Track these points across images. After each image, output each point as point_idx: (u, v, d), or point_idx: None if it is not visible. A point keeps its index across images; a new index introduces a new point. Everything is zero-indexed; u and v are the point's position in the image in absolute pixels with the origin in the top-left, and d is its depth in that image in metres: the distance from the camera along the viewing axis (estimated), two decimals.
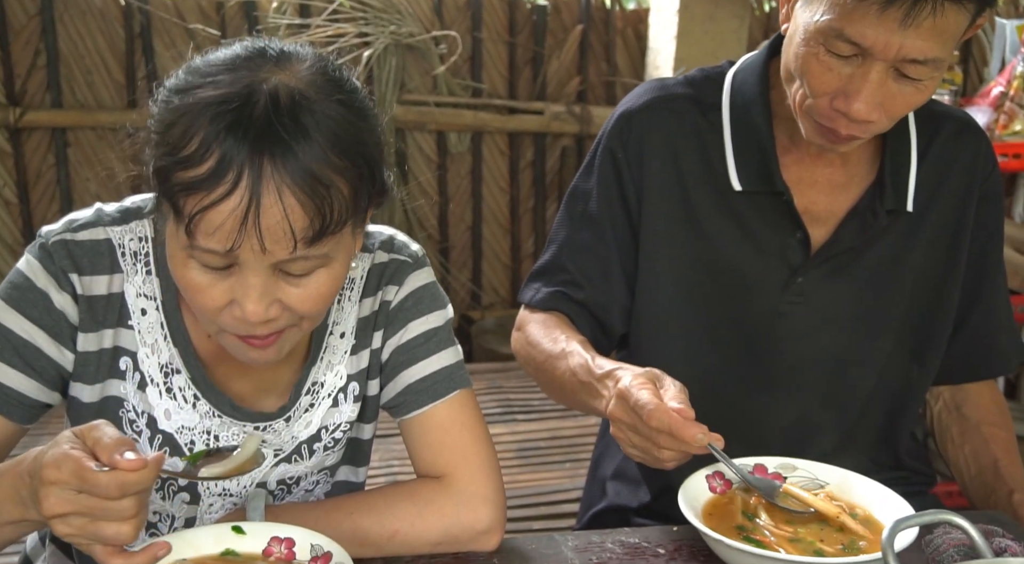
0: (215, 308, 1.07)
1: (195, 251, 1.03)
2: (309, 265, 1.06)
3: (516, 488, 3.13)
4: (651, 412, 1.14)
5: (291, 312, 1.09)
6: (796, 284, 1.48)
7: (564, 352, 1.41)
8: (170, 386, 1.22)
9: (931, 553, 1.14)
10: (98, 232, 1.19)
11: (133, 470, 0.91)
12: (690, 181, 1.50)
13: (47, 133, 4.11)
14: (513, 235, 4.88)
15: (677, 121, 1.51)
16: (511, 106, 4.67)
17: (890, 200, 1.46)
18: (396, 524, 1.21)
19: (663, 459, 1.18)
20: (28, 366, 1.16)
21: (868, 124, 1.31)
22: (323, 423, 1.29)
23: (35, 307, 1.16)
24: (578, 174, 1.61)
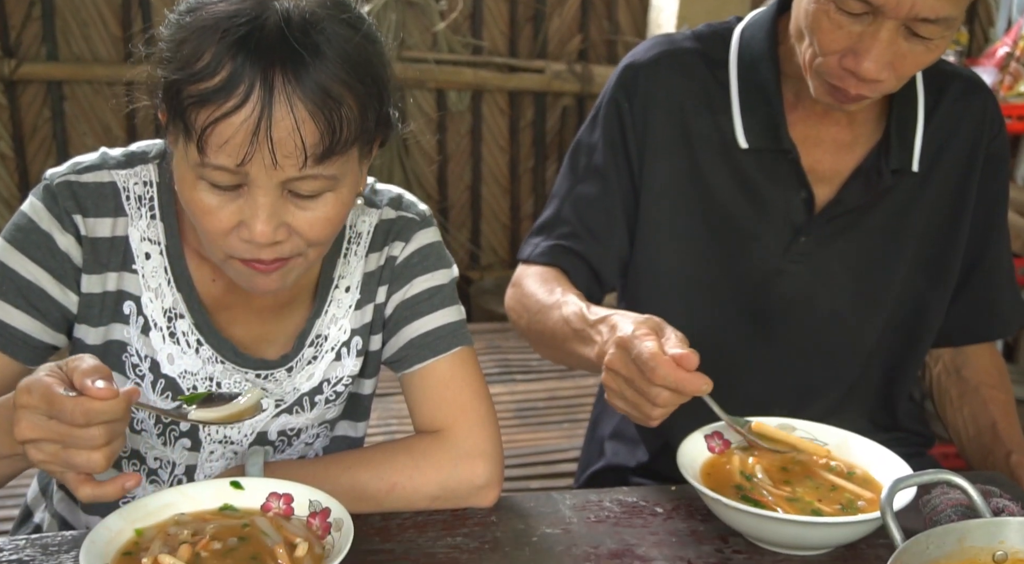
0: (223, 230, 1.07)
1: (205, 169, 1.03)
2: (317, 185, 1.06)
3: (514, 447, 3.15)
4: (656, 365, 1.10)
5: (298, 237, 1.09)
6: (799, 243, 1.47)
7: (558, 302, 1.40)
8: (173, 331, 1.22)
9: (929, 513, 1.14)
10: (103, 175, 1.20)
11: (100, 398, 0.90)
12: (695, 137, 1.49)
13: (43, 86, 4.07)
14: (512, 195, 4.86)
15: (684, 76, 1.50)
16: (511, 64, 4.62)
17: (895, 160, 1.45)
18: (394, 478, 1.22)
19: (653, 416, 1.15)
20: (32, 307, 1.17)
21: (877, 83, 1.30)
22: (325, 376, 1.29)
23: (39, 249, 1.17)
24: (582, 128, 1.59)
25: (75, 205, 1.17)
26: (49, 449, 0.92)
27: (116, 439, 0.94)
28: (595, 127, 1.56)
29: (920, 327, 1.56)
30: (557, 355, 1.48)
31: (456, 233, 4.81)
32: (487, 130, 4.75)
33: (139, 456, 1.26)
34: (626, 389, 1.16)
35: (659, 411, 1.14)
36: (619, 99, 1.52)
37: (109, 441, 0.93)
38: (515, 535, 1.19)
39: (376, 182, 1.36)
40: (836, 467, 1.25)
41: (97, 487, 0.95)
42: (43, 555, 1.10)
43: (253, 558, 1.02)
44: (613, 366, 1.17)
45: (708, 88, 1.49)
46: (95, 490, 0.95)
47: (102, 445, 0.92)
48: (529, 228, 1.63)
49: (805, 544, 1.14)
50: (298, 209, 1.08)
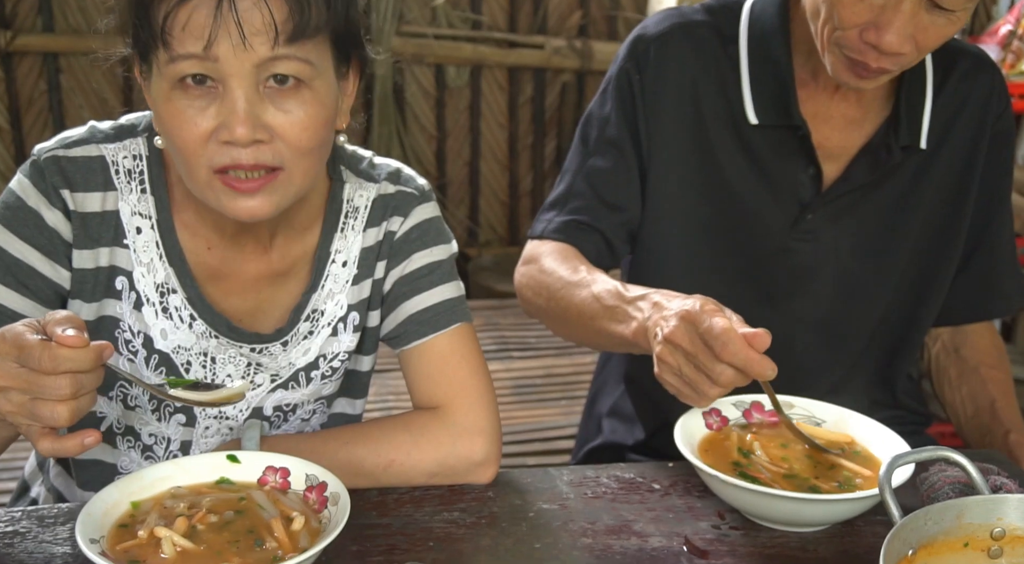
0: (201, 137, 1.06)
1: (175, 65, 1.03)
2: (294, 68, 1.05)
3: (511, 424, 3.15)
4: (727, 342, 1.06)
5: (280, 142, 1.07)
6: (805, 221, 1.47)
7: (586, 280, 1.39)
8: (166, 305, 1.21)
9: (926, 490, 1.14)
10: (91, 149, 1.19)
11: (68, 345, 0.90)
12: (705, 112, 1.48)
13: (39, 58, 4.05)
14: (511, 172, 4.84)
15: (695, 50, 1.49)
16: (511, 40, 4.59)
17: (904, 136, 1.45)
18: (392, 454, 1.21)
19: (709, 396, 1.12)
20: (22, 285, 1.16)
21: (899, 56, 1.29)
22: (321, 351, 1.29)
23: (27, 226, 1.16)
24: (592, 102, 1.58)
25: (63, 180, 1.16)
26: (17, 399, 0.92)
27: (84, 395, 0.94)
28: (606, 99, 1.55)
29: (923, 305, 1.56)
30: (581, 333, 1.45)
31: (454, 210, 4.79)
32: (486, 106, 4.72)
33: (134, 432, 1.25)
34: (685, 365, 1.13)
35: (717, 391, 1.11)
36: (630, 71, 1.51)
37: (75, 394, 0.92)
38: (512, 510, 1.19)
39: (375, 156, 1.34)
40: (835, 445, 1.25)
41: (57, 441, 0.95)
42: (39, 527, 1.10)
43: (249, 531, 1.02)
44: (675, 339, 1.13)
45: (719, 62, 1.48)
46: (55, 444, 0.95)
47: (68, 397, 0.92)
48: (528, 205, 1.63)
49: (802, 521, 1.14)
50: (277, 110, 1.07)
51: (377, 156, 1.35)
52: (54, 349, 0.90)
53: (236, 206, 1.09)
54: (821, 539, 1.14)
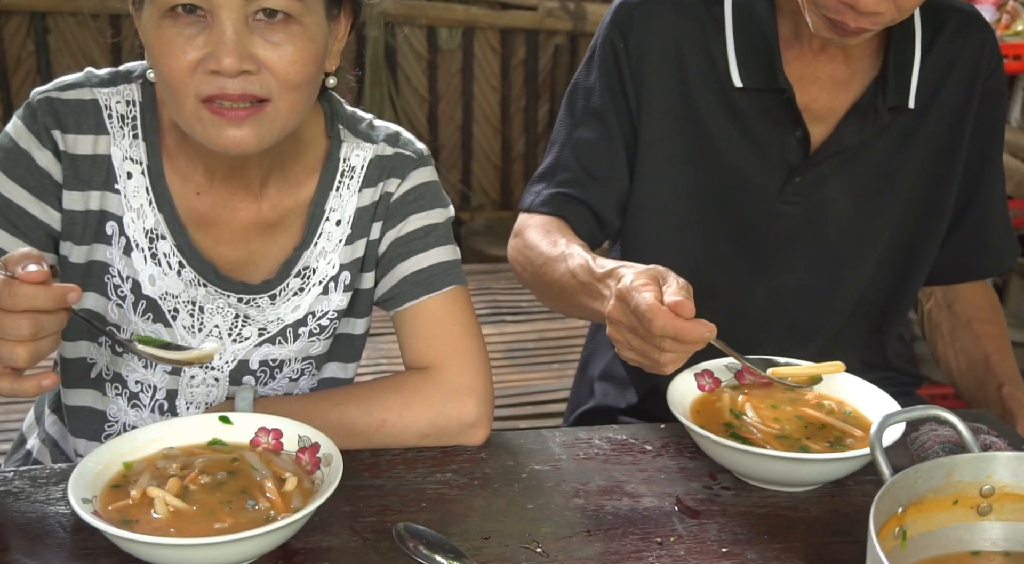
0: (188, 66, 1.06)
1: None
2: (282, 2, 1.06)
3: (504, 387, 3.17)
4: (653, 317, 1.08)
5: (267, 74, 1.08)
6: (794, 183, 1.46)
7: (564, 254, 1.38)
8: (155, 251, 1.22)
9: (916, 450, 1.15)
10: (84, 93, 1.20)
11: (28, 281, 0.90)
12: (691, 76, 1.47)
13: (26, 17, 4.00)
14: (504, 135, 4.81)
15: (679, 14, 1.47)
16: (504, 1, 4.55)
17: (892, 96, 1.44)
18: (384, 414, 1.22)
19: (663, 363, 1.13)
20: (12, 225, 1.17)
21: (877, 15, 1.28)
22: (311, 309, 1.29)
23: (17, 166, 1.17)
24: (578, 71, 1.57)
25: (54, 121, 1.17)
26: None
27: (44, 337, 0.93)
28: (591, 69, 1.53)
29: (912, 265, 1.56)
30: (566, 307, 1.46)
31: (447, 173, 4.77)
32: (478, 69, 4.68)
33: (120, 379, 1.25)
34: (632, 339, 1.15)
35: (668, 357, 1.12)
36: (614, 39, 1.50)
37: (35, 335, 0.92)
38: (504, 471, 1.19)
39: (375, 118, 1.34)
40: (827, 406, 1.25)
41: (16, 381, 0.95)
42: (32, 487, 1.10)
43: (242, 492, 1.02)
44: (615, 317, 1.16)
45: (703, 26, 1.46)
46: (13, 384, 0.95)
47: (26, 337, 0.91)
48: (521, 169, 1.62)
49: (794, 480, 1.15)
50: (266, 42, 1.07)
51: (377, 119, 1.34)
52: (14, 286, 0.89)
53: (222, 135, 1.09)
54: (812, 498, 1.15)
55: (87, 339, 1.24)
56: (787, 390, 1.29)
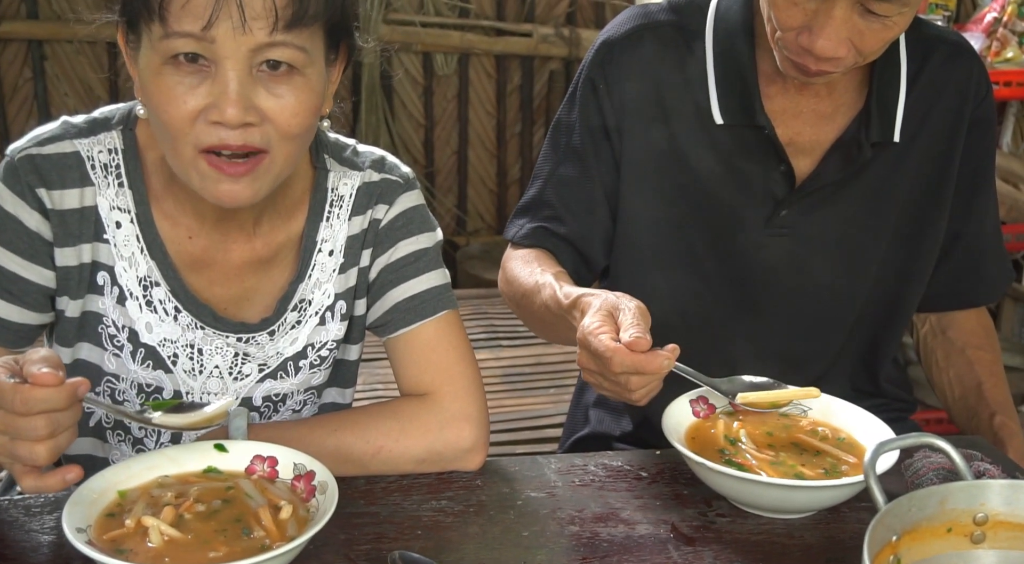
0: (189, 115, 1.04)
1: (170, 41, 1.01)
2: (288, 55, 1.05)
3: (500, 412, 3.15)
4: (611, 359, 1.11)
5: (269, 125, 1.07)
6: (780, 217, 1.46)
7: (538, 285, 1.39)
8: (150, 299, 1.21)
9: (911, 476, 1.15)
10: (65, 145, 1.17)
11: (40, 384, 0.90)
12: (672, 111, 1.46)
13: (23, 45, 4.01)
14: (499, 160, 4.83)
15: (659, 50, 1.47)
16: (499, 27, 4.58)
17: (876, 132, 1.43)
18: (380, 440, 1.22)
19: (635, 398, 1.16)
20: (6, 291, 1.16)
21: (837, 60, 1.27)
22: (309, 341, 1.29)
23: (5, 231, 1.15)
24: (562, 106, 1.57)
25: (38, 179, 1.15)
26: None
27: (62, 432, 0.93)
28: (573, 106, 1.53)
29: (903, 295, 1.55)
30: (552, 337, 1.49)
31: (442, 198, 4.78)
32: (474, 94, 4.71)
33: (123, 426, 1.25)
34: (603, 381, 1.18)
35: (639, 394, 1.16)
36: (595, 78, 1.49)
37: (52, 433, 0.92)
38: (500, 498, 1.19)
39: (358, 144, 1.34)
40: (821, 432, 1.26)
41: (40, 479, 0.94)
42: (26, 516, 1.10)
43: (237, 520, 1.02)
44: (582, 364, 1.19)
45: (684, 62, 1.46)
46: (37, 482, 0.94)
47: (44, 437, 0.91)
48: (516, 193, 1.63)
49: (788, 507, 1.15)
50: (268, 93, 1.06)
51: (360, 144, 1.34)
52: (26, 392, 0.89)
53: (219, 190, 1.08)
54: (807, 525, 1.15)
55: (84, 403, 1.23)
56: (781, 416, 1.29)
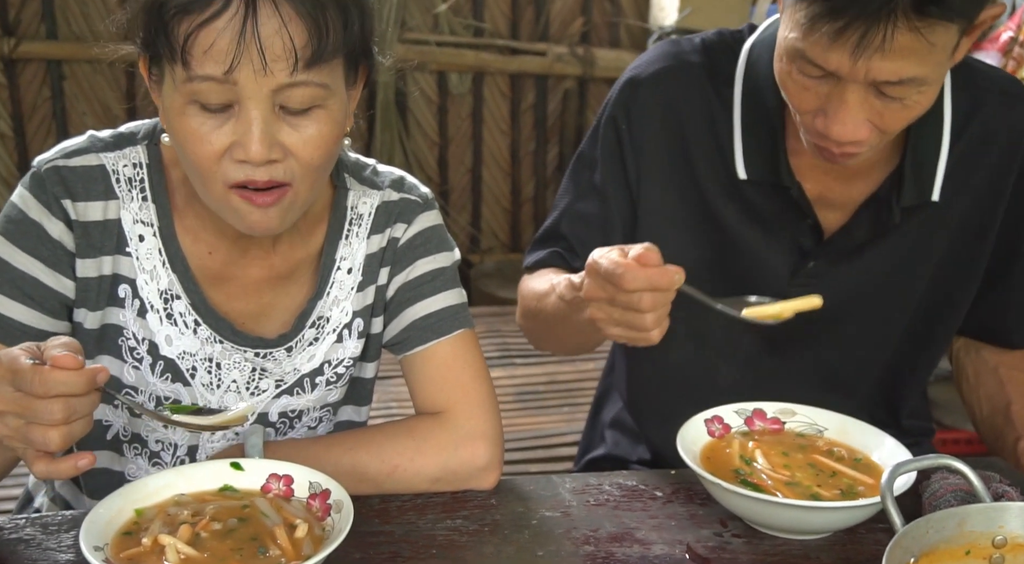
0: (215, 154, 1.06)
1: (193, 85, 1.03)
2: (309, 94, 1.06)
3: (514, 431, 3.15)
4: (623, 275, 1.07)
5: (292, 159, 1.08)
6: (806, 268, 1.41)
7: (552, 286, 1.37)
8: (170, 312, 1.22)
9: (928, 498, 1.14)
10: (91, 158, 1.19)
11: (61, 367, 0.90)
12: (696, 159, 1.42)
13: (42, 65, 4.06)
14: (513, 179, 4.85)
15: (686, 94, 1.42)
16: (513, 47, 4.61)
17: (909, 195, 1.35)
18: (396, 459, 1.22)
19: (648, 326, 1.12)
20: (27, 297, 1.17)
21: (858, 143, 1.20)
22: (326, 358, 1.29)
23: (29, 238, 1.16)
24: (585, 139, 1.54)
25: (64, 190, 1.17)
26: (12, 423, 0.92)
27: (77, 420, 0.94)
28: (595, 142, 1.50)
29: (933, 342, 1.51)
30: (564, 340, 1.45)
31: (457, 216, 4.80)
32: (488, 113, 4.73)
33: (140, 439, 1.26)
34: (613, 312, 1.14)
35: (651, 317, 1.11)
36: (618, 118, 1.46)
37: (67, 418, 0.92)
38: (515, 518, 1.19)
39: (378, 164, 1.35)
40: (837, 453, 1.25)
41: (51, 463, 0.95)
42: (43, 534, 1.10)
43: (253, 539, 1.02)
44: (591, 294, 1.15)
45: (711, 109, 1.41)
46: (49, 466, 0.94)
47: (60, 422, 0.91)
48: (530, 211, 1.62)
49: (804, 528, 1.15)
50: (291, 128, 1.07)
51: (380, 164, 1.35)
52: (45, 373, 0.90)
53: (251, 220, 1.11)
54: (823, 547, 1.14)
55: (101, 401, 1.24)
56: (797, 436, 1.28)
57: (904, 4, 1.05)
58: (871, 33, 1.08)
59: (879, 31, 1.07)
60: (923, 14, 1.06)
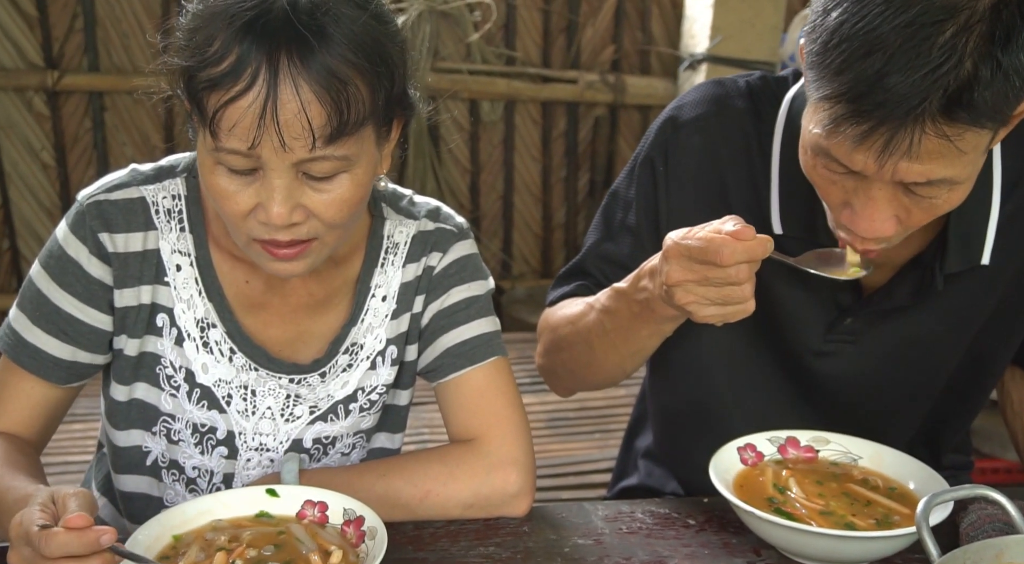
0: (241, 213, 1.09)
1: (220, 154, 1.06)
2: (330, 166, 1.07)
3: (546, 457, 3.15)
4: (722, 248, 1.07)
5: (315, 219, 1.10)
6: (844, 324, 1.37)
7: (588, 305, 1.36)
8: (206, 340, 1.24)
9: (966, 528, 1.13)
10: (132, 191, 1.23)
11: (69, 528, 0.90)
12: (733, 206, 1.36)
13: (84, 97, 4.14)
14: (545, 205, 4.86)
15: (727, 140, 1.38)
16: (544, 75, 4.64)
17: (954, 262, 1.28)
18: (429, 485, 1.23)
19: (747, 296, 1.12)
20: (62, 332, 1.20)
21: (884, 239, 1.16)
22: (360, 384, 1.31)
23: (66, 274, 1.20)
24: (620, 177, 1.51)
25: (101, 223, 1.20)
26: None
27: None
28: (631, 182, 1.47)
29: (976, 394, 1.47)
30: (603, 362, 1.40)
31: (488, 242, 4.82)
32: (520, 140, 4.76)
33: (178, 466, 1.28)
34: (708, 290, 1.12)
35: (748, 287, 1.12)
36: (655, 160, 1.42)
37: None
38: (547, 545, 1.19)
39: (414, 194, 1.37)
40: (872, 482, 1.24)
41: None
42: None
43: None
44: (677, 278, 1.13)
45: (751, 157, 1.37)
46: None
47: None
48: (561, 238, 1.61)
49: (839, 558, 1.13)
50: (314, 191, 1.09)
51: (416, 195, 1.37)
52: (51, 537, 0.90)
53: (274, 267, 1.14)
54: None
55: (140, 428, 1.27)
56: (832, 465, 1.27)
57: (932, 109, 1.00)
58: (897, 138, 1.02)
59: (906, 136, 1.02)
60: (953, 119, 1.00)
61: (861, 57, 1.01)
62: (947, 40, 0.97)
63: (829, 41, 1.04)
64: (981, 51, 0.97)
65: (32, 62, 4.01)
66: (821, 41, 1.05)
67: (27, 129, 4.10)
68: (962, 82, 0.98)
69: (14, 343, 1.21)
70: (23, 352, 1.21)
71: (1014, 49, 0.98)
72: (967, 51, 0.97)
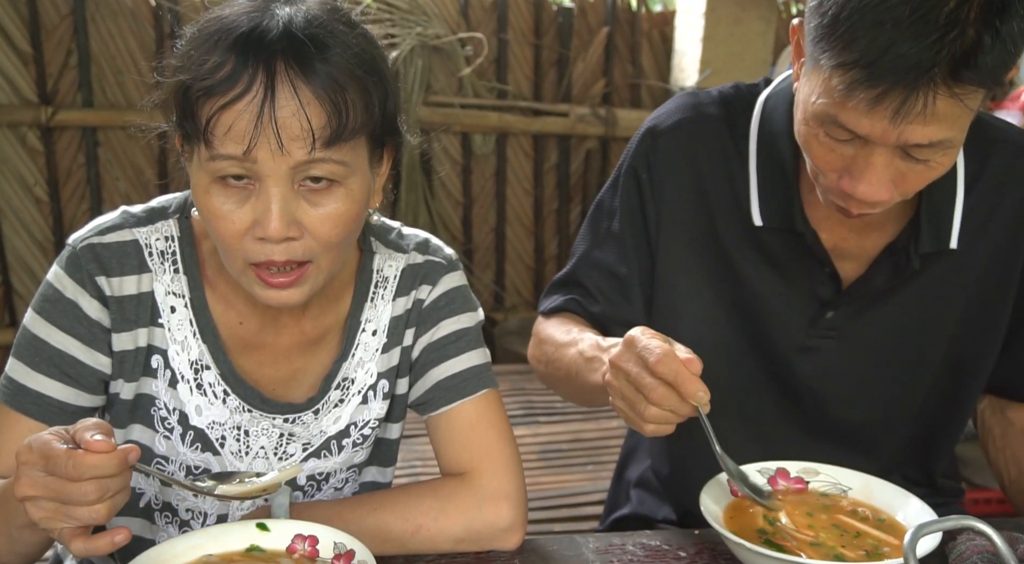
0: (237, 233, 1.09)
1: (215, 163, 1.06)
2: (328, 170, 1.08)
3: (538, 490, 3.14)
4: (660, 357, 1.10)
5: (310, 238, 1.10)
6: (826, 319, 1.42)
7: (575, 339, 1.39)
8: (200, 382, 1.24)
9: (954, 559, 1.13)
10: (125, 234, 1.22)
11: (94, 450, 0.91)
12: (715, 208, 1.45)
13: (78, 132, 4.16)
14: (537, 237, 4.89)
15: (705, 145, 1.45)
16: (536, 108, 4.68)
17: (927, 243, 1.37)
18: (420, 519, 1.22)
19: (647, 417, 1.14)
20: (65, 375, 1.19)
21: (880, 203, 1.23)
22: (352, 419, 1.31)
23: (66, 317, 1.19)
24: (604, 188, 1.57)
25: (97, 267, 1.19)
26: (48, 506, 0.94)
27: (116, 494, 0.95)
28: (615, 191, 1.53)
29: (961, 395, 1.50)
30: (575, 393, 1.46)
31: (480, 274, 4.83)
32: (512, 173, 4.79)
33: (171, 508, 1.27)
34: (625, 387, 1.16)
35: (652, 412, 1.13)
36: (638, 167, 1.49)
37: (101, 498, 0.93)
38: None
39: (403, 227, 1.38)
40: (861, 513, 1.24)
41: (88, 541, 0.95)
42: None
43: None
44: (617, 362, 1.17)
45: (729, 159, 1.44)
46: (86, 544, 0.95)
47: (94, 501, 0.93)
48: (553, 270, 1.65)
49: None
50: (310, 206, 1.09)
51: (405, 227, 1.38)
52: (79, 457, 0.91)
53: (268, 295, 1.14)
54: None
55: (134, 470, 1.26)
56: (821, 496, 1.28)
57: (942, 71, 1.08)
58: (911, 100, 1.10)
59: (919, 98, 1.09)
60: (960, 80, 1.09)
61: (872, 26, 1.09)
62: (951, 10, 1.06)
63: (840, 13, 1.11)
64: (982, 20, 1.06)
65: (26, 98, 4.03)
66: (831, 13, 1.12)
67: (21, 164, 4.11)
68: (967, 48, 1.06)
69: (14, 392, 1.19)
70: (26, 399, 1.19)
71: (1009, 18, 1.07)
72: (970, 20, 1.06)
